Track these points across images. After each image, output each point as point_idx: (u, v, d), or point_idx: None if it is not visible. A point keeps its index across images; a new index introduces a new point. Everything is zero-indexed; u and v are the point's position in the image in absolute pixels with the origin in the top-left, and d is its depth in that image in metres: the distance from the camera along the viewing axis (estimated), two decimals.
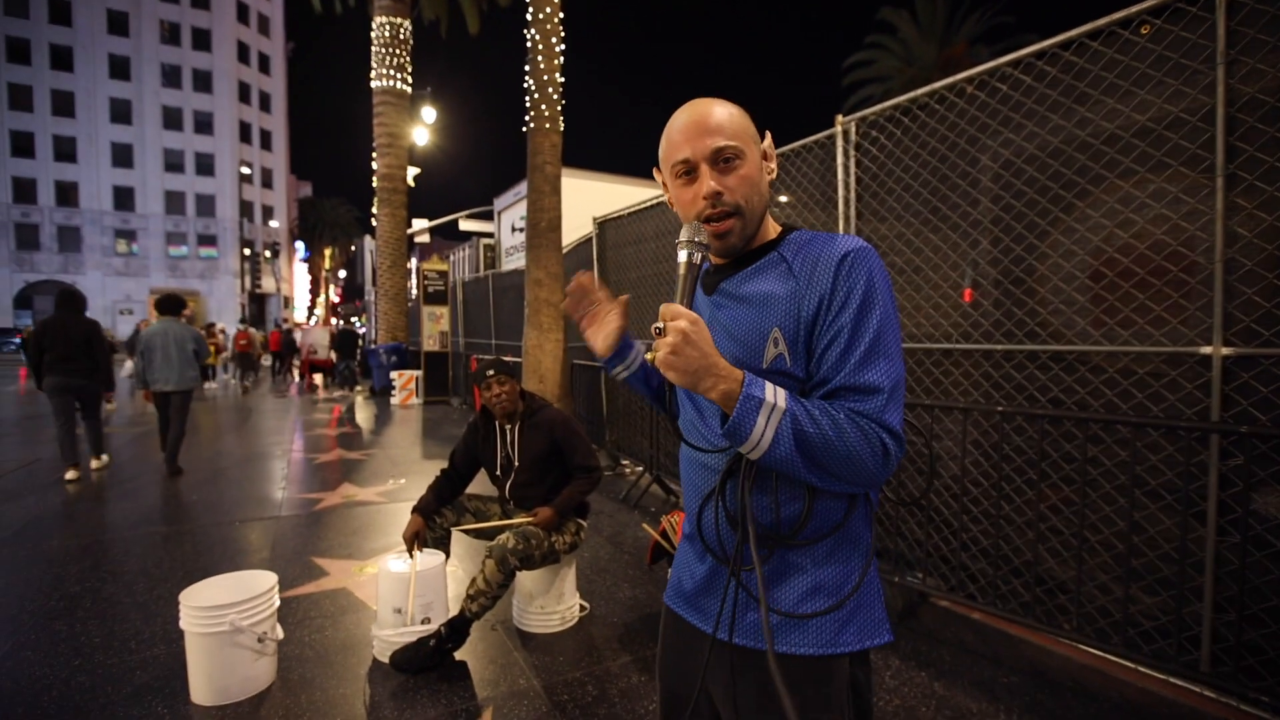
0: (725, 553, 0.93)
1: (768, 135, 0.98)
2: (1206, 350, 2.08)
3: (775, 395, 0.80)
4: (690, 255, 0.86)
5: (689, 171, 0.91)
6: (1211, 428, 2.03)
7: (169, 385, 5.47)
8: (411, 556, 2.52)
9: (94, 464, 5.68)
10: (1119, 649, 2.26)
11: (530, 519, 2.59)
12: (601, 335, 1.12)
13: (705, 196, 0.89)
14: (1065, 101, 2.43)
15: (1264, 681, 1.96)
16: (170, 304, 5.65)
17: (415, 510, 2.65)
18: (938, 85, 2.83)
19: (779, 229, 0.98)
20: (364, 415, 10.00)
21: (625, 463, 5.96)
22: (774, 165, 0.97)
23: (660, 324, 0.78)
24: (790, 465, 0.80)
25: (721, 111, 0.90)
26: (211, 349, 11.53)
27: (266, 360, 17.95)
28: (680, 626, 1.02)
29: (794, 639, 0.88)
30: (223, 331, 19.18)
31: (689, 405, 1.02)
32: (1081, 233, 2.43)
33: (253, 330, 15.73)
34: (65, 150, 38.26)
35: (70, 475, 5.24)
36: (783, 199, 3.84)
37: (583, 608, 2.88)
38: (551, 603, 2.71)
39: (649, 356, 0.80)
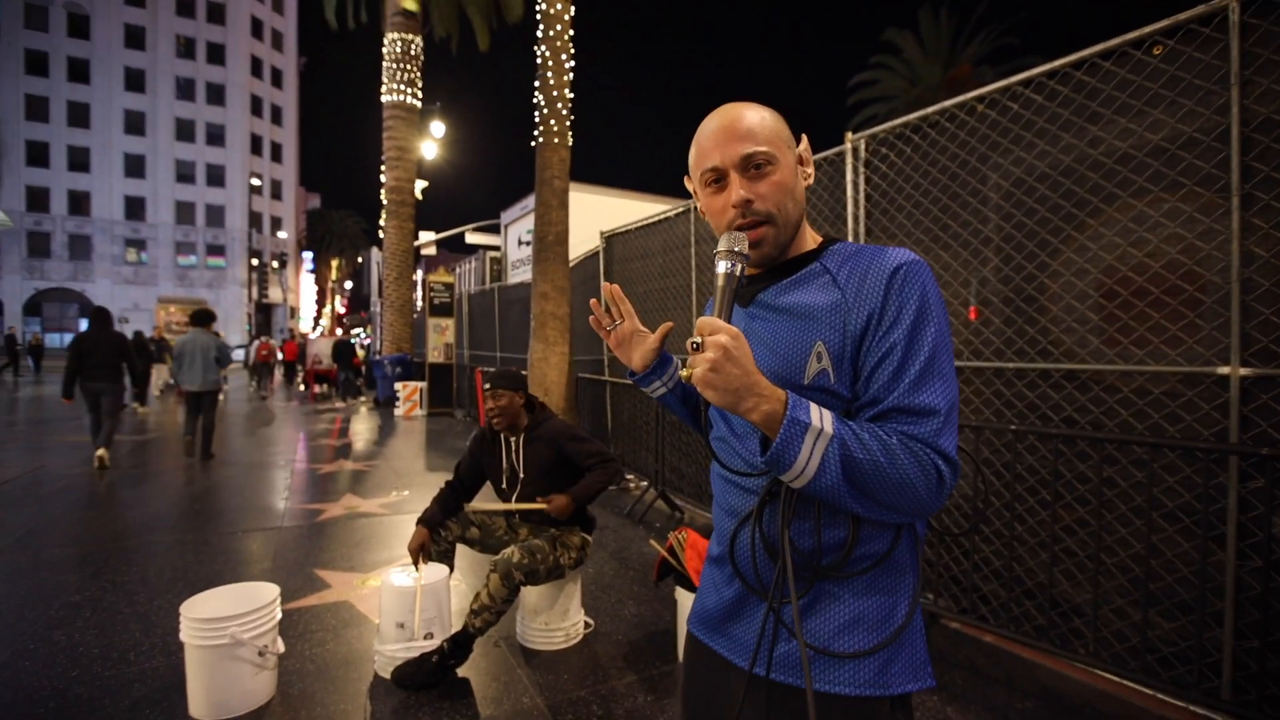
0: (761, 583, 0.87)
1: (804, 139, 0.93)
2: (1224, 370, 2.05)
3: (822, 419, 0.74)
4: (730, 266, 0.82)
5: (719, 179, 0.87)
6: (1230, 449, 2.00)
7: (195, 386, 6.56)
8: (417, 568, 2.49)
9: (98, 454, 6.20)
10: (1137, 675, 2.20)
11: (543, 505, 2.55)
12: (639, 351, 1.09)
13: (735, 205, 0.85)
14: (1077, 121, 2.43)
15: None
16: (201, 317, 6.75)
17: (420, 522, 2.63)
18: (949, 103, 2.84)
19: (819, 239, 0.94)
20: (367, 426, 9.98)
21: (630, 478, 5.92)
22: (811, 170, 0.93)
23: (698, 339, 0.73)
24: (835, 494, 0.74)
25: (753, 116, 0.86)
26: None
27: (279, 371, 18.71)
28: (706, 655, 0.96)
29: (832, 676, 0.81)
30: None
31: (721, 422, 0.97)
32: (1094, 251, 2.42)
33: (273, 341, 16.39)
34: (79, 160, 38.79)
35: (100, 453, 6.19)
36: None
37: (587, 624, 2.84)
38: (556, 619, 2.68)
39: (684, 374, 0.75)
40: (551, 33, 6.86)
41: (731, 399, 0.73)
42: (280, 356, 18.52)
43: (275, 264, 44.42)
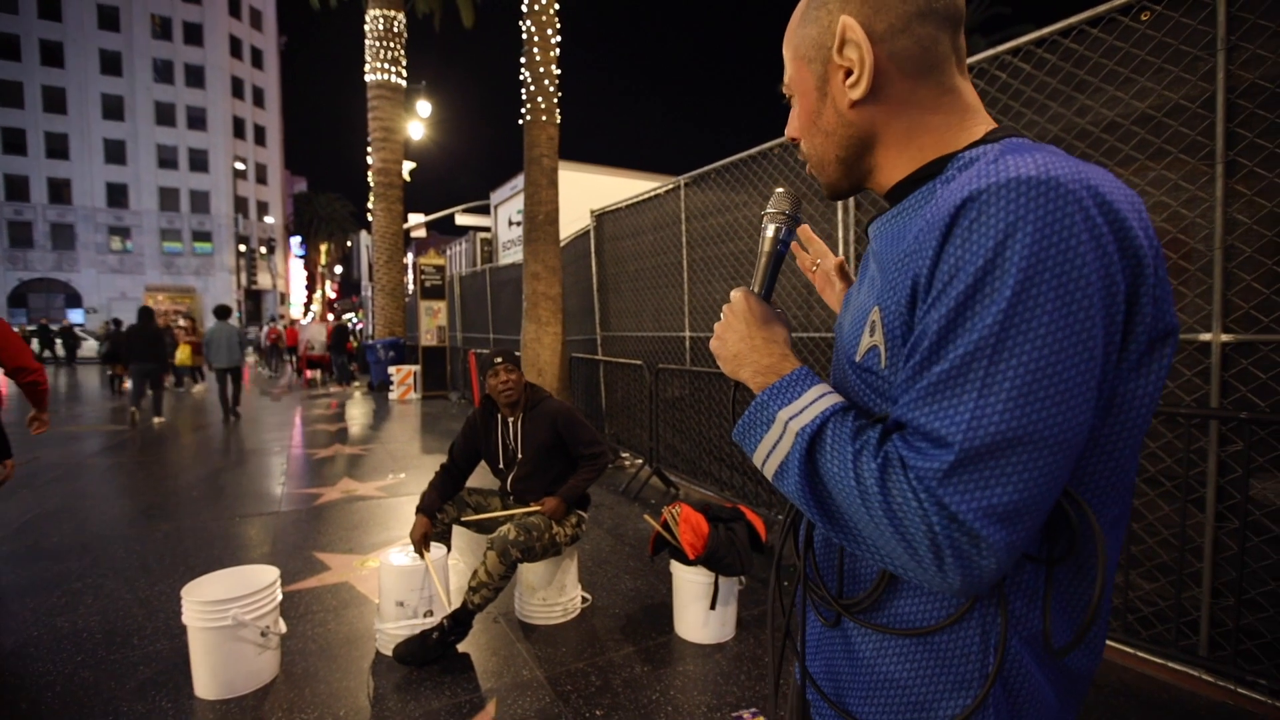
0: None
1: (842, 25, 0.60)
2: (1206, 337, 2.08)
3: (807, 408, 0.57)
4: (777, 230, 0.73)
5: None
6: (1211, 414, 2.04)
7: (223, 364, 8.68)
8: (422, 557, 2.51)
9: (155, 420, 8.47)
10: (1117, 635, 2.27)
11: (537, 509, 2.59)
12: (830, 295, 0.96)
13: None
14: (1065, 89, 2.42)
15: (1261, 665, 1.98)
16: (222, 311, 8.77)
17: (419, 510, 2.65)
18: None
19: (968, 141, 0.60)
20: (362, 411, 9.98)
21: (625, 455, 5.97)
22: (861, 72, 0.60)
23: None
24: (807, 511, 0.57)
25: (790, 24, 0.67)
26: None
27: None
28: None
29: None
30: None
31: None
32: None
33: (280, 328, 17.25)
34: (57, 147, 37.93)
35: (155, 417, 8.52)
36: (779, 190, 3.82)
37: (585, 599, 2.89)
38: (553, 594, 2.72)
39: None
40: (536, 6, 6.72)
41: (728, 367, 0.68)
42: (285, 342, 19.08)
43: (263, 249, 43.92)
